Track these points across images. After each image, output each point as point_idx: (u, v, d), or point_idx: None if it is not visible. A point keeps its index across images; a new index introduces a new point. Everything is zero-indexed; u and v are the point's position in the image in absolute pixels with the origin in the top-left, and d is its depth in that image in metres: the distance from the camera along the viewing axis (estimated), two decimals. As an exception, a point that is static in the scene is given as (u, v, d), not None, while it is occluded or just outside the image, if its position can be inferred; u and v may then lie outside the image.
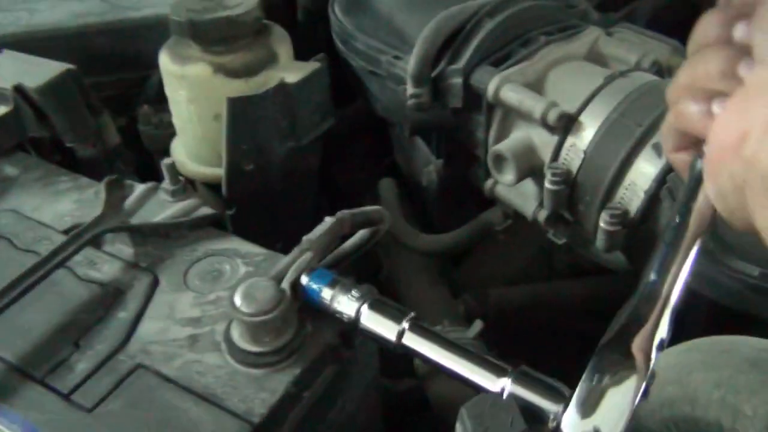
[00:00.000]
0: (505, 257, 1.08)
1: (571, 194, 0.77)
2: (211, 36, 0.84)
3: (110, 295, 0.57)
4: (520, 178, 0.81)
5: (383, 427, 0.68)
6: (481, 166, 0.88)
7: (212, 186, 0.94)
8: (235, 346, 0.52)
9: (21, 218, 0.66)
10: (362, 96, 1.05)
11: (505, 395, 0.46)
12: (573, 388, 0.41)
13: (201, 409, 0.49)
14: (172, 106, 0.91)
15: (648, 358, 0.40)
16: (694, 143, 0.42)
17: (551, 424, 0.44)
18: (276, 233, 0.74)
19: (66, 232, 0.63)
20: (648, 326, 0.40)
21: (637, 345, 0.40)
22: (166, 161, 0.65)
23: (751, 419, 0.51)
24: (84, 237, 0.59)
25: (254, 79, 0.86)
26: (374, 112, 1.04)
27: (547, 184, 0.76)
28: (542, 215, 0.82)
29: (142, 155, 1.04)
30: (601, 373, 0.40)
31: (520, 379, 0.47)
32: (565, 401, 0.43)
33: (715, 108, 0.39)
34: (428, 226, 1.06)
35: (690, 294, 0.43)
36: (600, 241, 0.74)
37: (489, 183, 0.88)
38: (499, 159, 0.81)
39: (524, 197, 0.85)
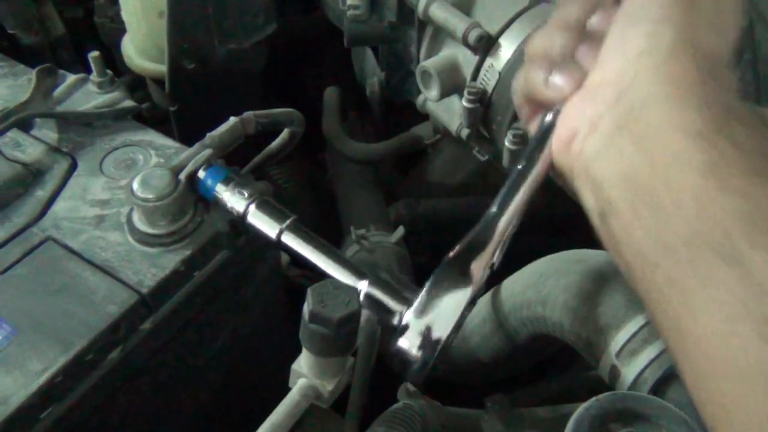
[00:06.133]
0: (446, 170, 1.13)
1: (487, 113, 0.81)
2: (155, -68, 0.85)
3: (31, 175, 0.63)
4: (443, 95, 0.85)
5: (287, 312, 0.75)
6: (414, 81, 0.92)
7: (160, 82, 0.98)
8: (135, 227, 0.58)
9: (-44, 99, 0.71)
10: (317, 4, 1.07)
11: (362, 295, 0.52)
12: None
13: (98, 278, 0.55)
14: (121, 1, 0.93)
15: (480, 277, 0.46)
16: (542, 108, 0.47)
17: (395, 320, 0.50)
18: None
19: (-4, 114, 0.68)
20: (484, 251, 0.46)
21: (474, 265, 0.46)
22: (92, 54, 0.69)
23: (584, 320, 0.58)
24: (9, 120, 0.64)
25: (197, -21, 0.88)
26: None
27: (464, 102, 0.80)
28: (464, 132, 0.86)
29: (102, 48, 1.07)
30: (441, 284, 0.46)
31: (375, 282, 0.52)
32: (409, 303, 0.47)
33: (555, 79, 0.43)
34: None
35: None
36: (505, 160, 0.79)
37: (420, 98, 0.92)
38: (426, 75, 0.85)
39: (450, 114, 0.89)
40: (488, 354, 0.72)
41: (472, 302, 0.46)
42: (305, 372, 0.51)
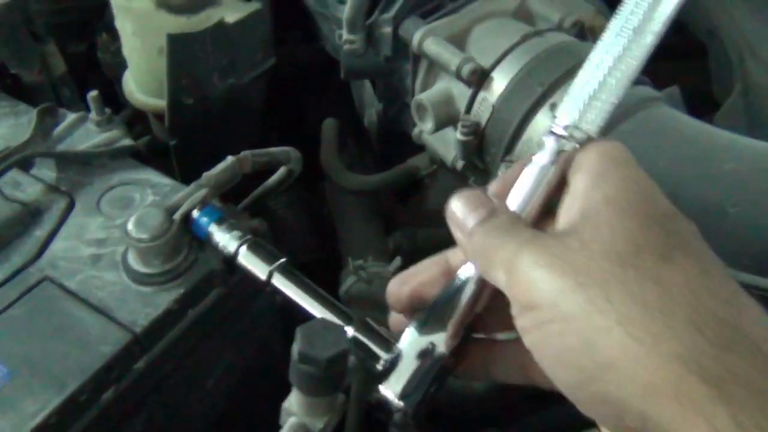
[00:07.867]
0: (443, 200, 1.14)
1: (480, 146, 0.82)
2: (155, -29, 0.87)
3: (29, 215, 0.64)
4: (438, 127, 0.86)
5: (283, 344, 0.75)
6: (410, 114, 0.93)
7: (161, 116, 0.99)
8: (130, 267, 0.59)
9: (-43, 138, 0.72)
10: (317, 35, 1.09)
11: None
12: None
13: (93, 318, 0.56)
14: (121, 38, 0.95)
15: None
16: None
17: (381, 367, 0.47)
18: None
19: (-3, 154, 0.69)
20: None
21: None
22: (90, 94, 0.70)
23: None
24: (8, 160, 0.65)
25: (196, 16, 0.90)
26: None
27: (458, 135, 0.81)
28: (459, 164, 0.87)
29: (104, 81, 1.09)
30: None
31: (361, 327, 0.50)
32: (396, 349, 0.45)
33: None
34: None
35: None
36: (499, 192, 0.80)
37: (416, 130, 0.93)
38: (421, 108, 0.86)
39: (446, 146, 0.90)
40: (483, 384, 0.72)
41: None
42: (295, 410, 0.52)
